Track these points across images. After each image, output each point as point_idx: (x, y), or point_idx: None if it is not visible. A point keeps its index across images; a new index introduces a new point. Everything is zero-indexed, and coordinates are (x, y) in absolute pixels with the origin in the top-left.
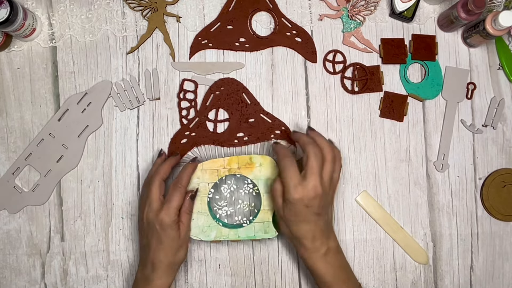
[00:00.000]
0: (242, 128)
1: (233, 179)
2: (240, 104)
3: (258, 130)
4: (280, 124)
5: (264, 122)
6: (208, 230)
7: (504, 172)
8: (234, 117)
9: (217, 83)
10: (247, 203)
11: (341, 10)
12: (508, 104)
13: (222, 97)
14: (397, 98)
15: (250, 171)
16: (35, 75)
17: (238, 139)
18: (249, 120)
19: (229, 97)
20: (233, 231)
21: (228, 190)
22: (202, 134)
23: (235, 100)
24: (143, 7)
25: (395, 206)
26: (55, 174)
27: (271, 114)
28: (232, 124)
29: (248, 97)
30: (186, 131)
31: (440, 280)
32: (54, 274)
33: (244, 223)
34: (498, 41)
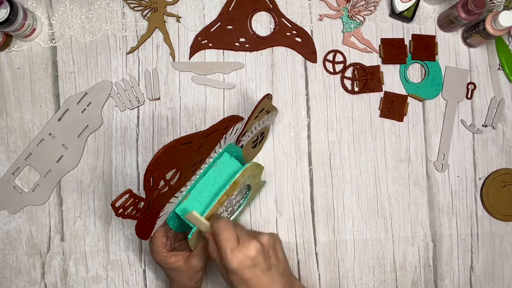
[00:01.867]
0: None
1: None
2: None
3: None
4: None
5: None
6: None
7: (504, 172)
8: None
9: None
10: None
11: (341, 10)
12: (508, 104)
13: (164, 166)
14: (397, 98)
15: (237, 187)
16: (35, 75)
17: (195, 168)
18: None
19: (170, 165)
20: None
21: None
22: (162, 200)
23: (176, 156)
24: (143, 7)
25: (395, 206)
26: (55, 174)
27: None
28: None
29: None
30: (146, 217)
31: (440, 280)
32: (54, 274)
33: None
34: (498, 41)
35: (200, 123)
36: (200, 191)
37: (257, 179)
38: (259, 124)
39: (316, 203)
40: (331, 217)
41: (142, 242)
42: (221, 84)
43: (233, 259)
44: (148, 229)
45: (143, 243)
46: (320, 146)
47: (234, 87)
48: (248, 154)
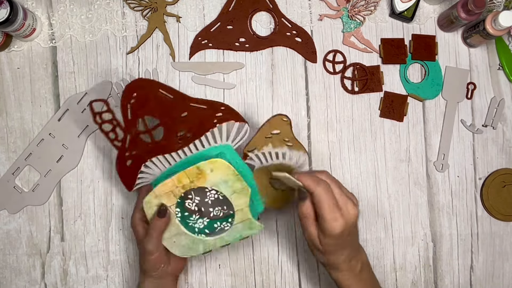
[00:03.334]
0: (179, 126)
1: (193, 193)
2: (162, 102)
3: (197, 122)
4: (216, 106)
5: (199, 111)
6: (194, 246)
7: (504, 172)
8: (164, 118)
9: (125, 92)
10: (219, 207)
11: (341, 10)
12: (508, 104)
13: (140, 103)
14: (397, 98)
15: (204, 180)
16: (35, 75)
17: (182, 139)
18: (182, 115)
19: (148, 100)
20: (218, 238)
21: (193, 204)
22: (142, 149)
23: (155, 101)
24: (143, 7)
25: (395, 206)
26: (55, 174)
27: (202, 100)
28: (166, 127)
29: (168, 91)
30: (125, 152)
31: (440, 280)
32: (54, 274)
33: (226, 226)
34: (498, 41)
35: None
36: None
37: (239, 201)
38: (277, 154)
39: None
40: None
41: None
42: (221, 84)
43: (337, 228)
44: (130, 177)
45: None
46: (320, 146)
47: (234, 87)
48: (267, 191)
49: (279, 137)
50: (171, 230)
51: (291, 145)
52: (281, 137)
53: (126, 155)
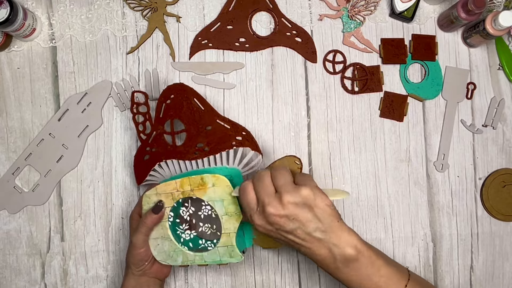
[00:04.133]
0: (201, 137)
1: (190, 201)
2: (193, 111)
3: (217, 138)
4: (239, 129)
5: (222, 129)
6: (174, 255)
7: (504, 172)
8: (190, 126)
9: (165, 91)
10: (208, 225)
11: (341, 10)
12: (508, 104)
13: (174, 106)
14: (397, 98)
15: (204, 193)
16: (35, 75)
17: (199, 150)
18: (207, 128)
19: (181, 105)
20: (198, 255)
21: (187, 213)
22: (161, 148)
23: (187, 108)
24: (143, 7)
25: (395, 206)
26: (55, 174)
27: (228, 119)
28: (189, 135)
29: (201, 102)
30: (146, 147)
31: (440, 280)
32: (54, 274)
33: (209, 246)
34: (498, 41)
35: None
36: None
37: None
38: None
39: None
40: None
41: None
42: (221, 84)
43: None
44: (143, 171)
45: None
46: (320, 146)
47: (234, 87)
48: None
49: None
50: (159, 231)
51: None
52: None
53: (146, 150)
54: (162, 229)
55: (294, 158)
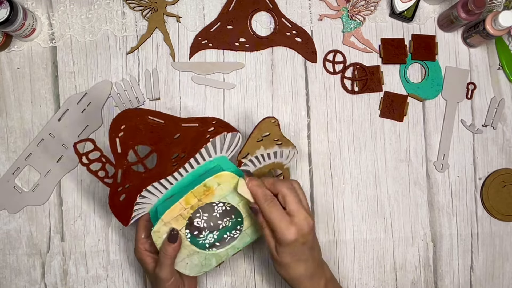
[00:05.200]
0: (172, 150)
1: (200, 210)
2: (154, 130)
3: (190, 141)
4: (208, 121)
5: (191, 130)
6: (207, 262)
7: (504, 172)
8: (157, 145)
9: (113, 126)
10: (227, 218)
11: (341, 10)
12: (508, 104)
13: (130, 135)
14: (397, 98)
15: (212, 196)
16: (35, 75)
17: (176, 160)
18: (174, 138)
19: (138, 130)
20: (229, 248)
21: (202, 221)
22: (136, 180)
23: (146, 130)
24: (143, 7)
25: (395, 206)
26: (55, 174)
27: (193, 118)
28: (159, 153)
29: (158, 116)
30: (118, 188)
31: (440, 280)
32: (54, 274)
33: (235, 234)
34: (498, 41)
35: None
36: (182, 195)
37: (247, 207)
38: (269, 155)
39: (316, 203)
40: (331, 217)
41: None
42: (221, 84)
43: (289, 236)
44: (125, 211)
45: None
46: (320, 146)
47: (234, 87)
48: None
49: (269, 138)
50: (183, 252)
51: (281, 143)
52: (271, 137)
53: (118, 191)
54: (185, 249)
55: (269, 119)
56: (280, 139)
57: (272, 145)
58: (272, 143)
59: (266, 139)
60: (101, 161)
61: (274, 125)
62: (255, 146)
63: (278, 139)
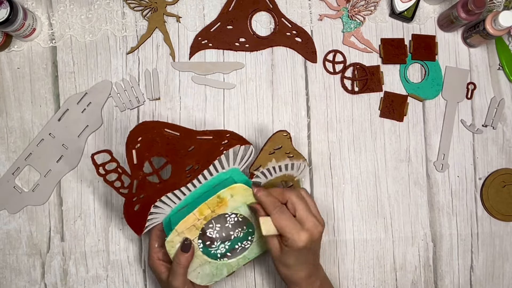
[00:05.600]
0: (187, 161)
1: (213, 221)
2: (170, 142)
3: (204, 153)
4: (221, 134)
5: (206, 142)
6: (218, 272)
7: (504, 172)
8: (172, 157)
9: (130, 137)
10: (239, 229)
11: (341, 10)
12: (508, 104)
13: (146, 147)
14: (397, 98)
15: (225, 207)
16: (35, 75)
17: (190, 172)
18: (189, 150)
19: (154, 143)
20: (240, 258)
21: (215, 231)
22: (150, 191)
23: (162, 142)
24: (143, 7)
25: (395, 206)
26: (55, 174)
27: (207, 131)
28: (174, 164)
29: (174, 129)
30: (133, 198)
31: (440, 280)
32: (54, 274)
33: (247, 245)
34: (498, 41)
35: (200, 123)
36: (195, 205)
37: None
38: (280, 167)
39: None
40: (331, 217)
41: (142, 242)
42: (221, 84)
43: (300, 242)
44: (139, 221)
45: (143, 243)
46: (320, 146)
47: (234, 87)
48: None
49: (281, 151)
50: (195, 262)
51: (292, 156)
52: (283, 150)
53: (133, 201)
54: (197, 258)
55: (282, 132)
56: (292, 152)
57: (284, 158)
58: (283, 156)
59: (278, 152)
60: (117, 172)
61: (286, 138)
62: (267, 158)
63: (290, 152)
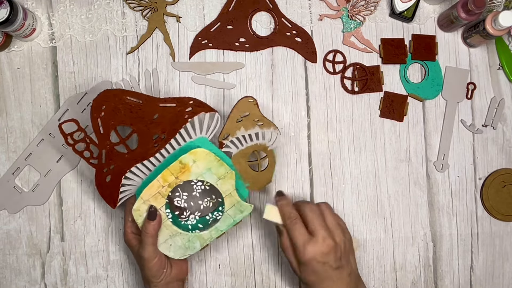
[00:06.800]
0: (152, 129)
1: (179, 189)
2: (133, 109)
3: (169, 121)
4: (185, 100)
5: (169, 110)
6: (190, 244)
7: (504, 172)
8: (137, 125)
9: (94, 106)
10: (207, 198)
11: (341, 10)
12: (508, 104)
13: (110, 115)
14: (397, 98)
15: (189, 173)
16: (35, 75)
17: (157, 141)
18: (154, 118)
19: (118, 110)
20: (212, 230)
21: (182, 201)
22: (119, 161)
23: (125, 110)
24: (143, 7)
25: (395, 206)
26: (55, 174)
27: (170, 98)
28: (140, 133)
29: (136, 96)
30: (103, 169)
31: (440, 280)
32: (54, 274)
33: (218, 216)
34: (498, 41)
35: None
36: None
37: (226, 186)
38: (250, 136)
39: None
40: None
41: None
42: (221, 84)
43: (305, 254)
44: (111, 192)
45: None
46: (320, 146)
47: (234, 87)
48: (248, 175)
49: (249, 118)
50: (165, 233)
51: (262, 124)
52: (251, 118)
53: (104, 171)
54: (167, 229)
55: (247, 98)
56: (261, 119)
57: (253, 126)
58: (252, 123)
59: (245, 120)
60: (85, 142)
61: (253, 105)
62: (234, 126)
63: (259, 119)
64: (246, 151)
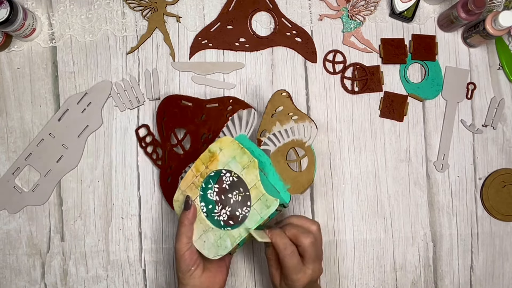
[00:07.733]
0: (201, 130)
1: (211, 181)
2: (185, 112)
3: (213, 120)
4: (225, 100)
5: (213, 110)
6: (222, 242)
7: (504, 172)
8: (189, 126)
9: (159, 112)
10: (236, 191)
11: (341, 10)
12: (508, 104)
13: (170, 119)
14: (397, 98)
15: (217, 162)
16: (35, 75)
17: (205, 141)
18: (202, 118)
19: (175, 114)
20: (242, 227)
21: (214, 193)
22: (177, 162)
23: (180, 113)
24: (143, 7)
25: (395, 206)
26: (55, 174)
27: (213, 99)
28: (191, 133)
29: (188, 100)
30: (166, 169)
31: (440, 280)
32: (54, 274)
33: (246, 212)
34: (498, 41)
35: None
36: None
37: (251, 176)
38: (286, 131)
39: (316, 203)
40: (331, 217)
41: (142, 242)
42: (221, 84)
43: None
44: (172, 191)
45: (143, 243)
46: (320, 146)
47: (234, 87)
48: (287, 175)
49: (283, 112)
50: (199, 227)
51: (296, 117)
52: (285, 111)
53: (166, 172)
54: (201, 223)
55: (280, 92)
56: (295, 112)
57: (288, 120)
58: (287, 117)
59: (280, 114)
60: (153, 144)
61: (285, 98)
62: (270, 122)
63: (293, 113)
64: (283, 148)
